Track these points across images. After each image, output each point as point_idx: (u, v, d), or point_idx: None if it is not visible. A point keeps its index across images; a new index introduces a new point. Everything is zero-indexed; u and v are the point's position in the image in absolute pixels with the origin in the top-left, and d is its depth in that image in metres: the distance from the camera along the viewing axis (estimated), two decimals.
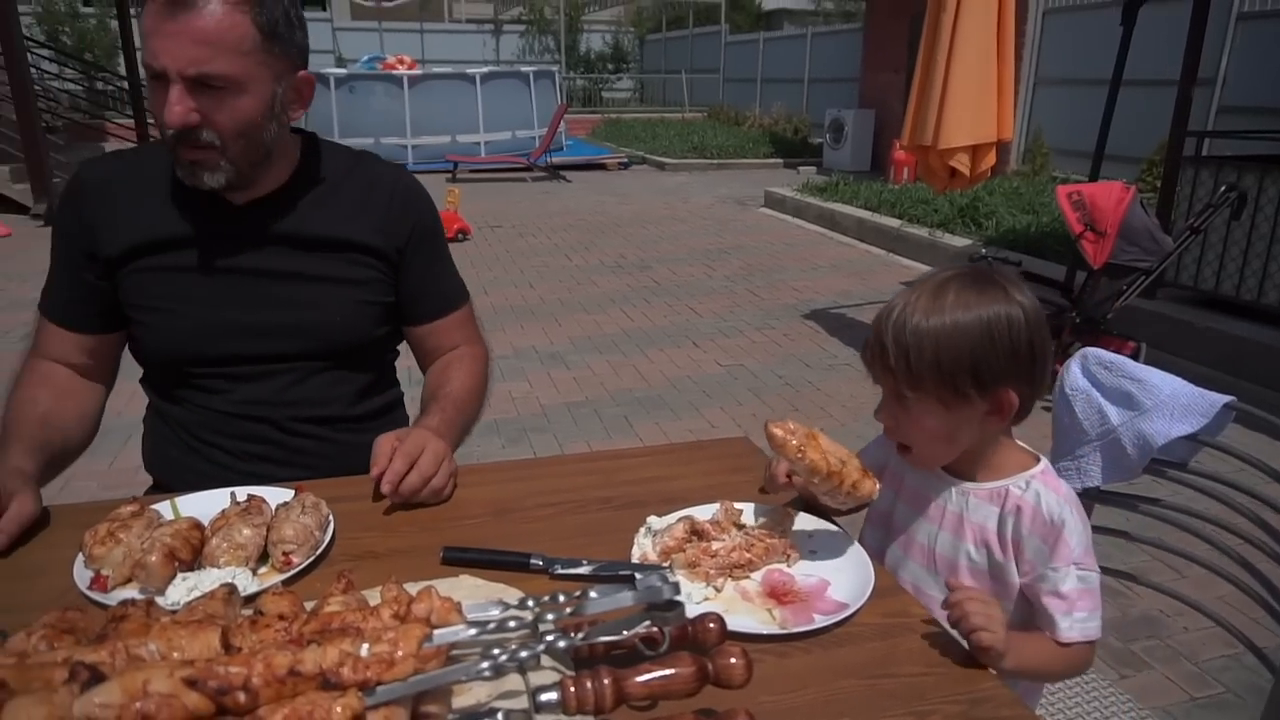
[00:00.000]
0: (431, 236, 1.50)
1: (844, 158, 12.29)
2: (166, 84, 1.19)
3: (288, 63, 1.28)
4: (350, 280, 1.42)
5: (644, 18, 26.44)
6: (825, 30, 16.60)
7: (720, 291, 6.21)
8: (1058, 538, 1.07)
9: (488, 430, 3.82)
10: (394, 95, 12.89)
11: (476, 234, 8.09)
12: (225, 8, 1.18)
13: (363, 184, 1.44)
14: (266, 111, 1.27)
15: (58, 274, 1.39)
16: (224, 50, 1.19)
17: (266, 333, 1.38)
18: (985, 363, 1.04)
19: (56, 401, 1.34)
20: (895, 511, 1.22)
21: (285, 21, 1.25)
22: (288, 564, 1.02)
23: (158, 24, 1.17)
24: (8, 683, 0.64)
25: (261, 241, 1.37)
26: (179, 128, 1.20)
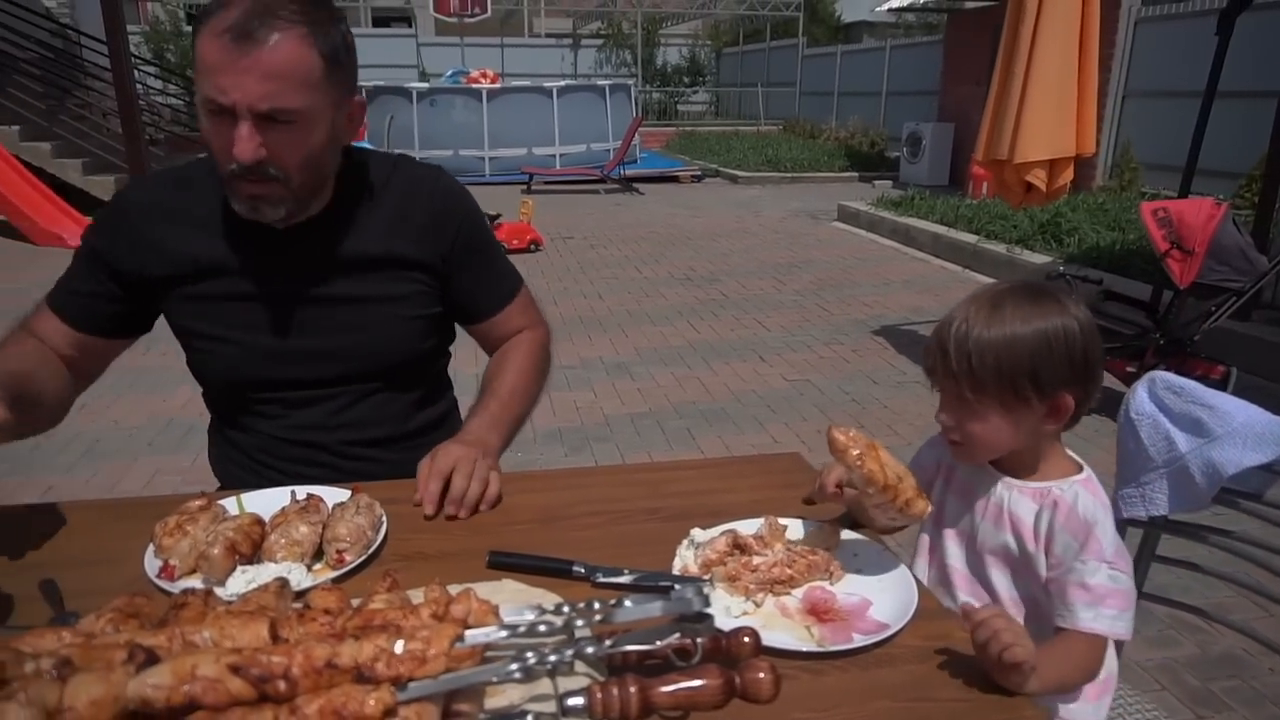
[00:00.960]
0: (475, 238, 1.48)
1: (921, 172, 12.07)
2: (232, 119, 1.17)
3: (346, 89, 1.27)
4: (394, 297, 1.41)
5: (721, 31, 26.49)
6: (905, 43, 16.34)
7: (789, 306, 6.16)
8: (1089, 534, 1.09)
9: (551, 438, 3.88)
10: (473, 109, 13.21)
11: (549, 245, 8.21)
12: (293, 40, 1.16)
13: (400, 195, 1.42)
14: (329, 141, 1.27)
15: (76, 278, 1.38)
16: (294, 84, 1.17)
17: (314, 358, 1.39)
18: (1043, 369, 1.09)
19: (39, 367, 1.28)
20: (945, 502, 1.26)
21: (344, 48, 1.24)
22: (341, 561, 1.06)
23: (225, 58, 1.14)
24: (73, 660, 0.68)
25: (305, 266, 1.36)
26: (251, 162, 1.19)
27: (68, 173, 9.12)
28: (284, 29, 1.16)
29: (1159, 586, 1.56)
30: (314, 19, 1.19)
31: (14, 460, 3.55)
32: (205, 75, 1.16)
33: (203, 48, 1.16)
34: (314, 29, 1.19)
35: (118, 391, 4.19)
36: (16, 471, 3.44)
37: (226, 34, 1.13)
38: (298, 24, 1.17)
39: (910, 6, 13.84)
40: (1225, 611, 1.44)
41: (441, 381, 1.63)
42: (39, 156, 9.03)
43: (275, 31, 1.15)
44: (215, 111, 1.18)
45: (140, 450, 3.60)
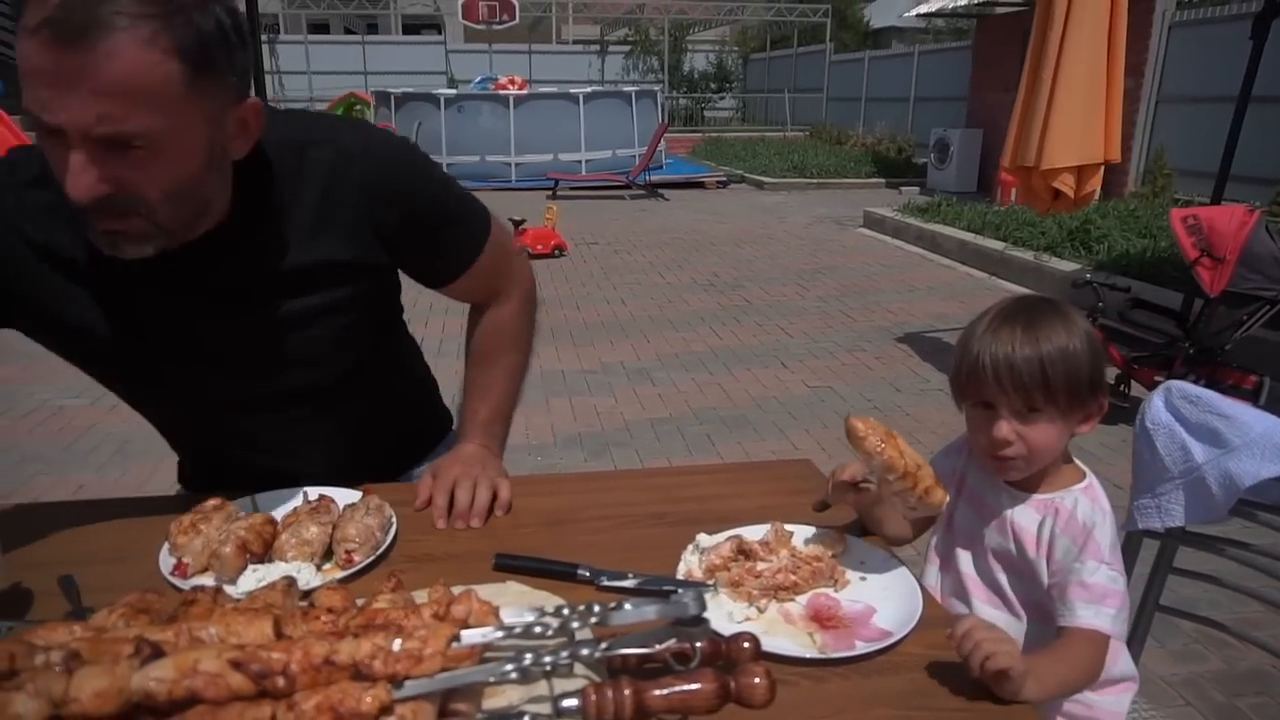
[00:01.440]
0: (421, 211, 1.21)
1: (949, 178, 11.97)
2: (65, 142, 0.88)
3: (226, 95, 0.97)
4: (330, 307, 1.18)
5: (748, 37, 26.49)
6: (933, 48, 16.25)
7: (812, 312, 6.14)
8: (1088, 537, 1.12)
9: (571, 442, 3.89)
10: (499, 115, 13.31)
11: (573, 250, 8.25)
12: (136, 42, 0.86)
13: (320, 188, 1.13)
14: (203, 164, 0.98)
15: None
16: (139, 102, 0.88)
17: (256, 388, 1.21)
18: (1093, 372, 1.14)
19: None
20: (956, 510, 1.27)
21: (221, 41, 0.94)
22: (349, 562, 1.08)
23: (44, 63, 0.85)
24: (81, 654, 0.70)
25: (208, 293, 1.12)
26: (89, 202, 0.91)
27: None
28: (124, 27, 0.85)
29: (1185, 599, 1.54)
30: (170, 6, 0.88)
31: (47, 460, 3.63)
32: (25, 83, 0.87)
33: (19, 46, 0.86)
34: (169, 22, 0.88)
35: None
36: (50, 470, 3.52)
37: (44, 29, 0.84)
38: (144, 18, 0.86)
39: (940, 12, 13.74)
40: (1251, 627, 1.41)
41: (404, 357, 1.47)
42: None
43: (113, 32, 0.84)
44: (45, 133, 0.90)
45: (167, 450, 3.65)
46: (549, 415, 4.19)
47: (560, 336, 5.53)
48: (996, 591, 1.22)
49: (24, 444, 3.80)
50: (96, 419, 4.00)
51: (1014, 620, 1.20)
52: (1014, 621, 1.19)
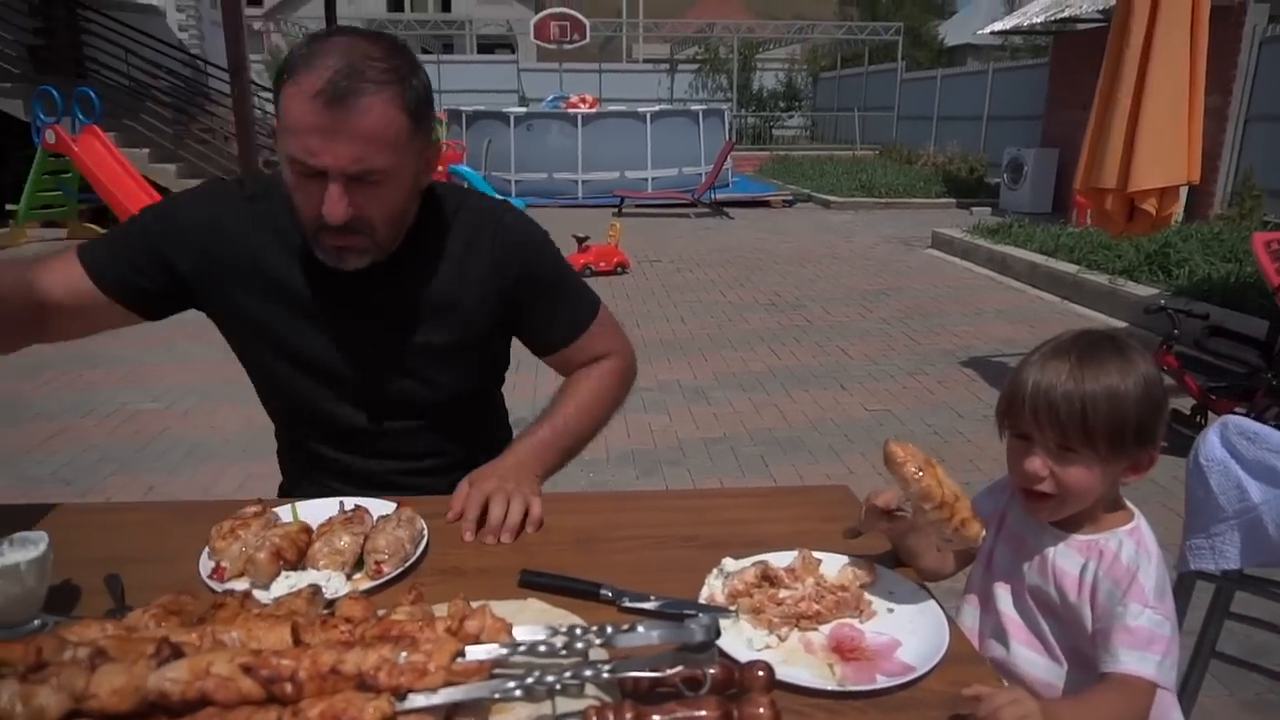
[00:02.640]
0: (541, 276, 1.46)
1: (1022, 199, 11.68)
2: (321, 180, 1.18)
3: (426, 138, 1.28)
4: (461, 345, 1.42)
5: (818, 56, 26.36)
6: (1008, 66, 15.92)
7: (874, 334, 6.04)
8: (1131, 580, 1.07)
9: (624, 460, 3.90)
10: (568, 133, 13.51)
11: (635, 267, 8.30)
12: (383, 102, 1.16)
13: (463, 242, 1.40)
14: (410, 193, 1.30)
15: (121, 243, 1.34)
16: (382, 146, 1.18)
17: (369, 397, 1.41)
18: (1145, 420, 1.08)
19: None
20: (995, 550, 1.23)
21: (426, 99, 1.25)
22: (379, 572, 1.10)
23: (316, 122, 1.14)
24: (107, 651, 0.73)
25: (375, 310, 1.37)
26: (341, 223, 1.20)
27: None
28: (373, 92, 1.16)
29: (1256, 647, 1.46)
30: (400, 75, 1.19)
31: (121, 460, 3.80)
32: (294, 135, 1.16)
33: (291, 108, 1.15)
34: (401, 87, 1.19)
35: (218, 399, 4.43)
36: (124, 470, 3.69)
37: (319, 98, 1.13)
38: (387, 84, 1.17)
39: (1016, 29, 13.46)
40: None
41: (496, 409, 1.65)
42: (165, 177, 9.70)
43: (364, 95, 1.15)
44: (303, 172, 1.19)
45: (235, 455, 3.80)
46: (602, 432, 4.20)
47: None
48: (1037, 634, 1.17)
49: (103, 444, 3.98)
50: (170, 423, 4.17)
51: (1055, 665, 1.15)
52: (1054, 667, 1.15)
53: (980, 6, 29.59)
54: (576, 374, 1.54)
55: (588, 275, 7.85)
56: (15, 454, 3.89)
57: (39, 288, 1.27)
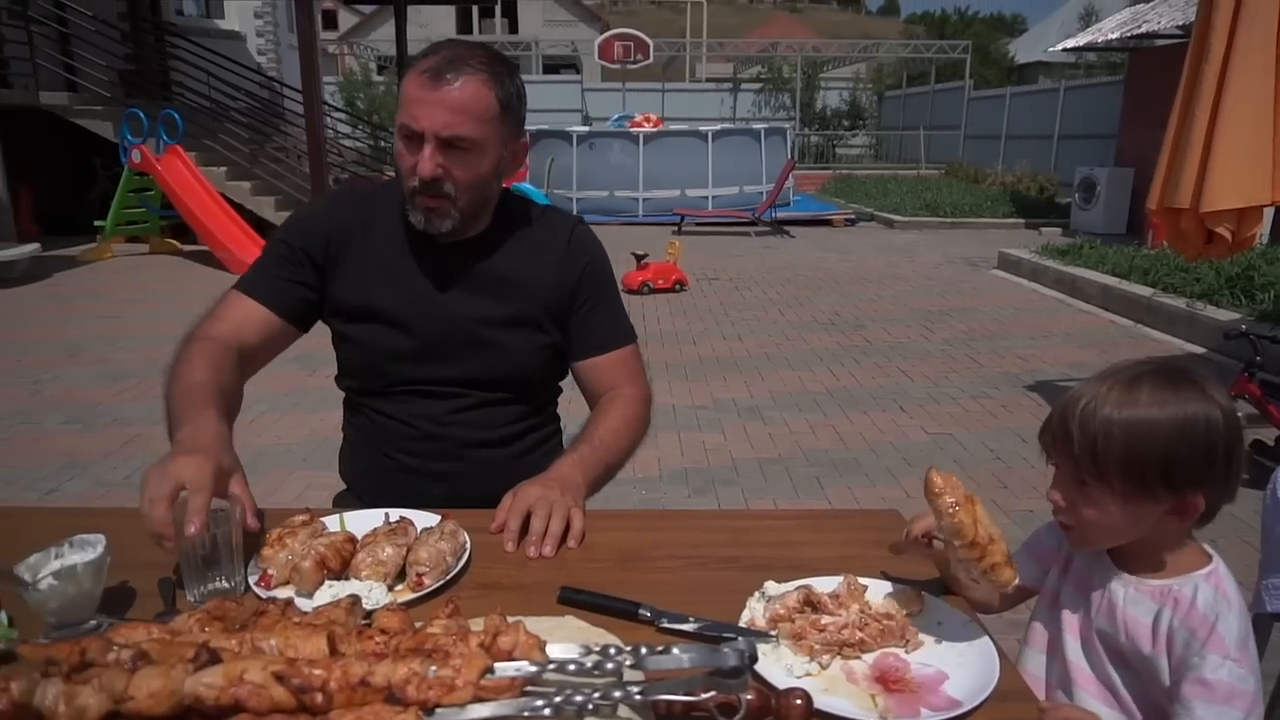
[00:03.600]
0: (600, 279, 1.64)
1: (1094, 219, 11.35)
2: (419, 142, 1.39)
3: (514, 131, 1.48)
4: (528, 319, 1.57)
5: (884, 74, 26.10)
6: (1081, 84, 15.53)
7: (936, 355, 5.91)
8: (1210, 629, 0.99)
9: (676, 478, 3.88)
10: (629, 151, 13.61)
11: (693, 285, 8.29)
12: (476, 83, 1.39)
13: (545, 230, 1.61)
14: (495, 170, 1.47)
15: (270, 265, 1.54)
16: (472, 117, 1.39)
17: (451, 360, 1.54)
18: (1178, 463, 1.00)
19: (222, 374, 1.38)
20: (1063, 594, 1.17)
21: (517, 97, 1.46)
22: (420, 584, 1.11)
23: (421, 92, 1.37)
24: (149, 654, 0.75)
25: (458, 280, 1.54)
26: (430, 179, 1.39)
27: (263, 209, 10.11)
28: (470, 74, 1.38)
29: None
30: (495, 70, 1.42)
31: None
32: (404, 105, 1.40)
33: (406, 84, 1.40)
34: (494, 77, 1.41)
35: (282, 410, 4.56)
36: None
37: (426, 74, 1.37)
38: (482, 71, 1.40)
39: (1090, 46, 13.13)
40: None
41: (551, 410, 1.73)
42: (240, 194, 10.06)
43: (463, 75, 1.38)
44: (407, 136, 1.40)
45: (296, 464, 3.89)
46: (656, 449, 4.19)
47: (674, 371, 5.54)
48: (1108, 686, 1.10)
49: None
50: (236, 431, 4.28)
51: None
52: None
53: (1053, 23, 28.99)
54: (604, 400, 1.61)
55: (646, 292, 7.88)
56: (93, 458, 4.05)
57: (231, 343, 1.45)
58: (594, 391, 1.64)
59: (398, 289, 1.53)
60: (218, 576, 1.10)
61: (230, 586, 1.10)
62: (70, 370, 5.45)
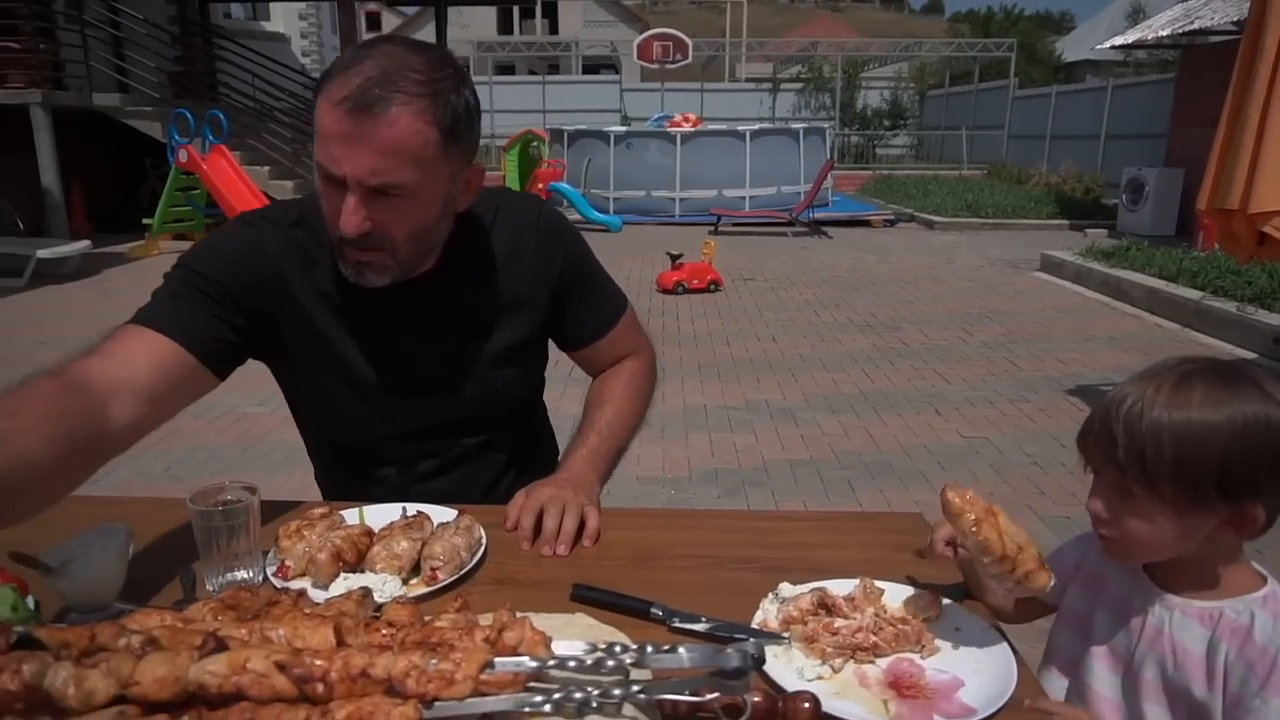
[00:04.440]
0: (580, 266, 1.48)
1: (1142, 220, 11.07)
2: (342, 188, 1.14)
3: (463, 159, 1.22)
4: (508, 344, 1.41)
5: (926, 73, 25.77)
6: (1129, 82, 15.18)
7: (974, 358, 5.82)
8: (1271, 667, 0.90)
9: (706, 479, 3.86)
10: (666, 151, 13.60)
11: (728, 286, 8.25)
12: (410, 115, 1.11)
13: (507, 236, 1.39)
14: (440, 213, 1.24)
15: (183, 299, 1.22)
16: (406, 160, 1.12)
17: (431, 411, 1.39)
18: (1236, 470, 0.91)
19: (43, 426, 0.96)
20: (1094, 618, 1.10)
21: (465, 118, 1.18)
22: (434, 578, 1.11)
23: (340, 129, 1.10)
24: (159, 641, 0.76)
25: (418, 324, 1.35)
26: (356, 236, 1.16)
27: None
28: (402, 103, 1.10)
29: None
30: (436, 89, 1.13)
31: (227, 460, 4.01)
32: (320, 141, 1.14)
33: (321, 113, 1.12)
34: (434, 101, 1.13)
35: None
36: (228, 470, 3.88)
37: (345, 103, 1.09)
38: (417, 96, 1.11)
39: (1139, 43, 12.82)
40: None
41: (540, 412, 1.65)
42: (283, 193, 10.25)
43: (393, 105, 1.10)
44: (327, 179, 1.15)
45: None
46: (687, 450, 4.18)
47: (706, 372, 5.52)
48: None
49: (211, 444, 4.21)
50: (274, 426, 4.37)
51: None
52: None
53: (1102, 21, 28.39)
54: (603, 377, 1.55)
55: (680, 292, 7.86)
56: (135, 451, 4.07)
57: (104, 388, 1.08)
58: (596, 369, 1.58)
59: (353, 339, 1.32)
60: (237, 567, 1.11)
61: (250, 577, 1.12)
62: None
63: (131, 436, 1.13)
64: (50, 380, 1.04)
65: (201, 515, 1.08)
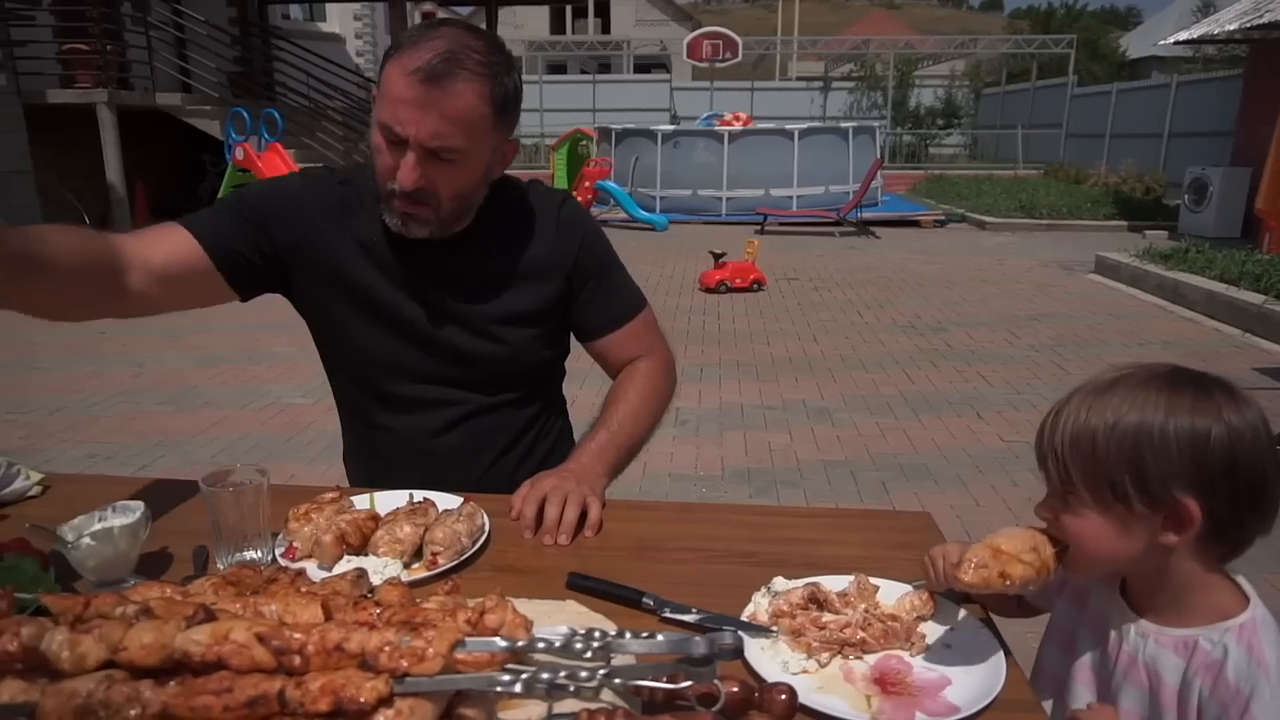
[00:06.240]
0: (598, 255, 1.55)
1: (1206, 222, 10.72)
2: (402, 147, 1.27)
3: (506, 133, 1.37)
4: (526, 311, 1.49)
5: (982, 71, 25.26)
6: (1194, 79, 14.69)
7: (1020, 360, 5.70)
8: (1244, 709, 0.86)
9: (738, 477, 3.85)
10: (713, 150, 13.56)
11: (772, 285, 8.21)
12: (472, 89, 1.25)
13: (530, 213, 1.51)
14: (481, 179, 1.38)
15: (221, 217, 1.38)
16: (463, 129, 1.27)
17: (448, 364, 1.47)
18: (1152, 462, 0.89)
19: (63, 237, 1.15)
20: (1078, 635, 1.08)
21: (513, 98, 1.33)
22: (434, 564, 1.14)
23: (410, 95, 1.23)
24: (153, 611, 0.79)
25: (449, 277, 1.45)
26: (411, 190, 1.29)
27: None
28: (467, 79, 1.25)
29: None
30: (494, 70, 1.28)
31: (270, 449, 4.11)
32: (388, 103, 1.26)
33: (391, 78, 1.26)
34: (491, 80, 1.28)
35: None
36: (270, 458, 3.99)
37: (417, 73, 1.23)
38: (479, 75, 1.26)
39: (1205, 38, 12.40)
40: None
41: (558, 398, 1.70)
42: None
43: (459, 80, 1.24)
44: (389, 138, 1.28)
45: None
46: (721, 448, 4.17)
47: (744, 370, 5.51)
48: None
49: (256, 433, 4.33)
50: (315, 417, 4.48)
51: None
52: None
53: (1170, 15, 27.50)
54: (620, 377, 1.58)
55: (723, 291, 7.84)
56: (184, 437, 4.29)
57: (125, 253, 1.24)
58: (612, 366, 1.61)
59: (386, 284, 1.43)
60: (247, 547, 1.15)
61: (259, 557, 1.16)
62: (169, 354, 5.78)
63: (138, 305, 1.30)
64: (89, 234, 1.22)
65: (213, 495, 1.12)
